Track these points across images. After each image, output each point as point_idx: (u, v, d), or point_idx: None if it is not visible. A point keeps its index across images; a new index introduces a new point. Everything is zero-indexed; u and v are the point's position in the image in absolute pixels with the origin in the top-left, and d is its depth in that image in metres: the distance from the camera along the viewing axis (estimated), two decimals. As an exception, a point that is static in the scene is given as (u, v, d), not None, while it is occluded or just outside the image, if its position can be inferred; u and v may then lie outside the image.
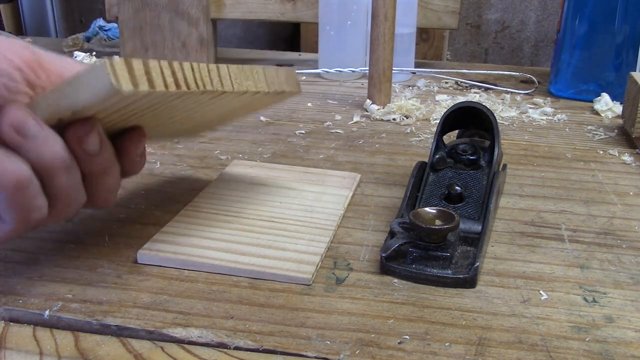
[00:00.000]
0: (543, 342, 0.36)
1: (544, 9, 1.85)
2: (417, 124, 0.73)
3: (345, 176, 0.56)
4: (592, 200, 0.54)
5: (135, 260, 0.43)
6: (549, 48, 1.87)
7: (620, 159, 0.64)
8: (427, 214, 0.42)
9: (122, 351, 0.35)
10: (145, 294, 0.39)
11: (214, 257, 0.42)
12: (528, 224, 0.49)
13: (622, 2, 0.77)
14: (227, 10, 0.94)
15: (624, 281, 0.42)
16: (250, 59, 1.03)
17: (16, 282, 0.40)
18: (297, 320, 0.37)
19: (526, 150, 0.65)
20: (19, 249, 0.44)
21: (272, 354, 0.35)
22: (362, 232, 0.48)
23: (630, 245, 0.46)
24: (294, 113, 0.76)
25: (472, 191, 0.49)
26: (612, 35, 0.78)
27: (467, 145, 0.51)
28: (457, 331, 0.36)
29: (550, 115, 0.77)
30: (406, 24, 0.86)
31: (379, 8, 0.72)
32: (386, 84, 0.76)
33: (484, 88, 0.88)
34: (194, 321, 0.37)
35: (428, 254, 0.42)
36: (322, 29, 0.89)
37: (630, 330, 0.37)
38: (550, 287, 0.41)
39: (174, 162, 0.60)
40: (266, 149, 0.64)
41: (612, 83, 0.80)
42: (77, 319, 0.37)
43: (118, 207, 0.51)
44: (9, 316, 0.37)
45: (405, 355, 0.34)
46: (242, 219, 0.48)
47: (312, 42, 1.50)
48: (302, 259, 0.43)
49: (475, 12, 1.88)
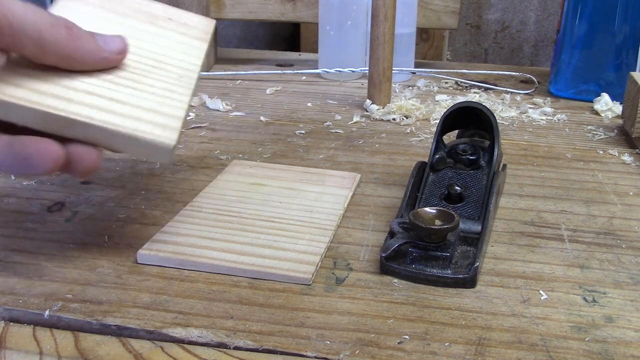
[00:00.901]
0: (543, 342, 0.36)
1: (544, 9, 1.85)
2: (417, 124, 0.73)
3: (345, 176, 0.56)
4: (592, 200, 0.54)
5: (135, 260, 0.43)
6: (549, 48, 1.87)
7: (620, 159, 0.64)
8: (427, 214, 0.42)
9: (122, 351, 0.35)
10: (145, 294, 0.39)
11: (214, 257, 0.42)
12: (528, 224, 0.49)
13: (622, 2, 0.77)
14: (227, 10, 0.94)
15: (624, 281, 0.42)
16: (250, 59, 1.03)
17: (16, 282, 0.40)
18: (297, 320, 0.37)
19: (526, 150, 0.65)
20: (19, 249, 0.44)
21: (272, 354, 0.35)
22: (362, 232, 0.48)
23: (630, 245, 0.47)
24: (294, 113, 0.76)
25: (472, 191, 0.49)
26: (612, 35, 0.78)
27: (467, 145, 0.51)
28: (457, 331, 0.36)
29: (550, 115, 0.77)
30: (406, 24, 0.86)
31: (379, 8, 0.72)
32: (386, 84, 0.76)
33: (483, 88, 0.88)
34: (194, 321, 0.37)
35: (428, 254, 0.42)
36: (322, 29, 0.89)
37: (630, 330, 0.37)
38: (550, 287, 0.41)
39: (174, 162, 0.60)
40: (266, 149, 0.64)
41: (612, 83, 0.80)
42: (77, 319, 0.37)
43: (118, 207, 0.51)
44: (9, 316, 0.37)
45: (405, 355, 0.34)
46: (242, 219, 0.48)
47: (312, 42, 1.50)
48: (302, 259, 0.43)
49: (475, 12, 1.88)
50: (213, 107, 0.77)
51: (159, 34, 0.49)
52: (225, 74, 0.92)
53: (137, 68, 0.43)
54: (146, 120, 0.39)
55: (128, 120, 0.38)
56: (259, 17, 0.95)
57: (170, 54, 0.47)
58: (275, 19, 0.95)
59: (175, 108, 0.42)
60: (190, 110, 0.76)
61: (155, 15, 0.51)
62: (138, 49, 0.45)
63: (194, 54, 0.49)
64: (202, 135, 0.68)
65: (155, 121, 0.39)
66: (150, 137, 0.38)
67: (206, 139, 0.67)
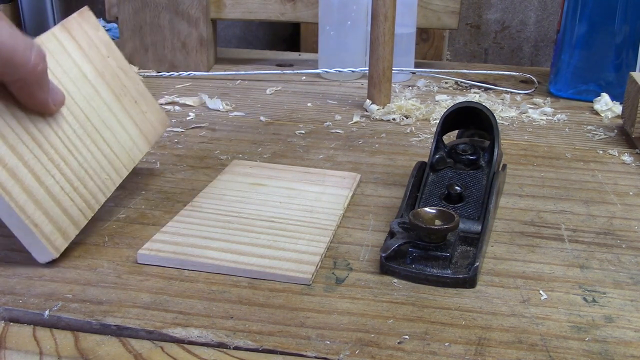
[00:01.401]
0: (543, 342, 0.36)
1: (544, 9, 1.85)
2: (417, 124, 0.73)
3: (345, 176, 0.56)
4: (592, 200, 0.54)
5: (135, 260, 0.43)
6: (549, 48, 1.87)
7: (620, 159, 0.64)
8: (427, 214, 0.42)
9: (122, 351, 0.35)
10: (145, 294, 0.39)
11: (214, 257, 0.42)
12: (528, 224, 0.49)
13: (622, 2, 0.77)
14: (227, 11, 0.94)
15: (624, 281, 0.42)
16: (250, 59, 1.03)
17: (16, 282, 0.40)
18: (297, 320, 0.37)
19: (526, 150, 0.65)
20: (19, 249, 0.44)
21: (271, 354, 0.35)
22: (362, 232, 0.48)
23: (629, 245, 0.47)
24: (294, 113, 0.76)
25: (472, 191, 0.49)
26: (612, 35, 0.78)
27: (467, 145, 0.51)
28: (457, 331, 0.36)
29: (550, 115, 0.77)
30: (406, 24, 0.86)
31: (379, 8, 0.72)
32: (386, 84, 0.76)
33: (483, 88, 0.88)
34: (194, 321, 0.37)
35: (428, 254, 0.42)
36: (322, 29, 0.89)
37: (629, 330, 0.37)
38: (550, 287, 0.41)
39: (174, 162, 0.60)
40: (266, 149, 0.64)
41: (612, 83, 0.80)
42: (77, 319, 0.37)
43: (118, 207, 0.51)
44: (9, 316, 0.37)
45: (405, 355, 0.34)
46: (242, 219, 0.48)
47: (312, 42, 1.50)
48: (302, 259, 0.43)
49: (475, 12, 1.88)
50: (213, 107, 0.77)
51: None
52: (225, 74, 0.92)
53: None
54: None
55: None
56: (258, 17, 0.95)
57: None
58: (275, 19, 0.95)
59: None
60: (190, 110, 0.76)
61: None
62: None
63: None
64: (202, 135, 0.68)
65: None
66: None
67: (206, 139, 0.67)
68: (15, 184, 0.39)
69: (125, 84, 0.53)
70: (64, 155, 0.44)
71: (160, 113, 0.57)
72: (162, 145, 0.64)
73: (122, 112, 0.51)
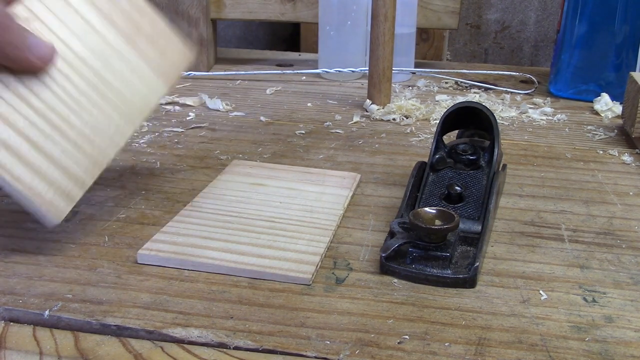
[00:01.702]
0: (543, 342, 0.36)
1: (544, 9, 1.85)
2: (417, 124, 0.73)
3: (345, 176, 0.56)
4: (592, 200, 0.54)
5: (135, 260, 0.43)
6: (549, 48, 1.87)
7: (620, 159, 0.64)
8: (427, 214, 0.42)
9: (122, 351, 0.35)
10: (145, 294, 0.39)
11: (214, 257, 0.42)
12: (528, 224, 0.49)
13: (622, 2, 0.77)
14: (227, 11, 0.94)
15: (624, 281, 0.42)
16: (250, 59, 1.03)
17: (16, 282, 0.40)
18: (297, 320, 0.37)
19: (526, 150, 0.65)
20: (19, 249, 0.44)
21: (271, 354, 0.35)
22: (362, 232, 0.48)
23: (629, 245, 0.47)
24: (294, 113, 0.76)
25: (472, 191, 0.49)
26: (612, 35, 0.78)
27: (467, 145, 0.51)
28: (457, 331, 0.36)
29: (550, 115, 0.77)
30: (406, 24, 0.86)
31: (379, 8, 0.72)
32: (386, 84, 0.76)
33: (483, 88, 0.88)
34: (194, 321, 0.37)
35: (428, 254, 0.42)
36: (322, 29, 0.89)
37: (629, 330, 0.37)
38: (550, 287, 0.41)
39: (174, 162, 0.60)
40: (266, 149, 0.64)
41: (612, 83, 0.80)
42: (77, 319, 0.37)
43: (118, 207, 0.51)
44: (9, 316, 0.37)
45: (405, 355, 0.34)
46: (242, 219, 0.48)
47: (312, 42, 1.50)
48: (302, 259, 0.43)
49: (475, 12, 1.88)
50: (213, 107, 0.77)
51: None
52: (225, 74, 0.93)
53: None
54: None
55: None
56: (258, 17, 0.95)
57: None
58: (275, 19, 0.95)
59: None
60: (190, 110, 0.76)
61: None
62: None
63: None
64: (202, 135, 0.68)
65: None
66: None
67: (206, 139, 0.67)
68: (9, 155, 0.39)
69: (138, 23, 0.49)
70: (66, 116, 0.42)
71: (181, 49, 0.52)
72: (162, 145, 0.64)
73: (135, 57, 0.48)
